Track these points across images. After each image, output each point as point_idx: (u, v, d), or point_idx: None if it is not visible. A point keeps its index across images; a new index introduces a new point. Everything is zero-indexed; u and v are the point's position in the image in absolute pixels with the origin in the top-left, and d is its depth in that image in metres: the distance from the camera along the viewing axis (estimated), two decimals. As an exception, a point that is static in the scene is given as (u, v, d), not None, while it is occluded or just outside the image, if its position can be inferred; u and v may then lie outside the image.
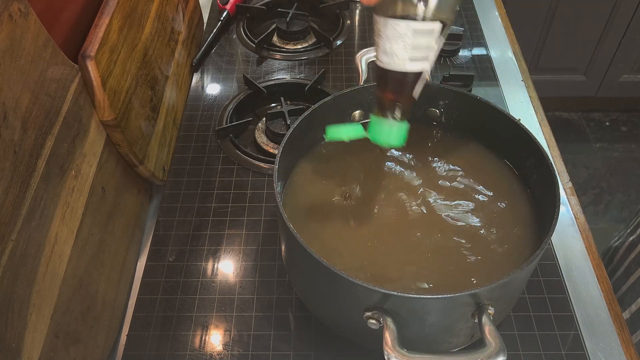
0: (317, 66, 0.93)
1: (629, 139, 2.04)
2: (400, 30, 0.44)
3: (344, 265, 0.54)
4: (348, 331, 0.56)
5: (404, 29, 0.44)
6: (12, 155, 0.45)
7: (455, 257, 0.55)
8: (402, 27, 0.44)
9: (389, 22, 0.45)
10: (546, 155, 0.55)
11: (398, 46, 0.45)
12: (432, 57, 0.47)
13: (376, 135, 0.51)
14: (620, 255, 0.75)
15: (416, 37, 0.44)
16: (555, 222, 0.49)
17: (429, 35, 0.45)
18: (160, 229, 0.70)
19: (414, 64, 0.46)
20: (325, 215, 0.59)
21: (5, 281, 0.42)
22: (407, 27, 0.44)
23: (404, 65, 0.46)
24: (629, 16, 1.75)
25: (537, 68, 1.89)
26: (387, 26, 0.45)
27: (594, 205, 1.84)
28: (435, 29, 0.45)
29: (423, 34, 0.45)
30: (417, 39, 0.45)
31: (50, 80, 0.52)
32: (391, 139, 0.50)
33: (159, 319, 0.61)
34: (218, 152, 0.79)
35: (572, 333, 0.59)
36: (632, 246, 0.73)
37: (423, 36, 0.45)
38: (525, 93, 0.89)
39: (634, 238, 0.73)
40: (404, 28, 0.44)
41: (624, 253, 0.74)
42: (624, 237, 0.77)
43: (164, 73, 0.79)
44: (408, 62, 0.46)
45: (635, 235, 0.73)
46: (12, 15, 0.46)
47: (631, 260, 0.72)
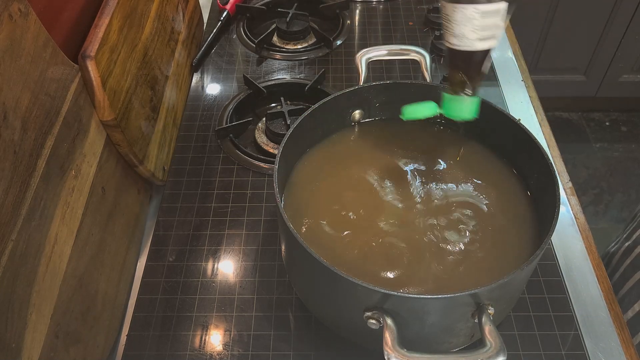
0: (317, 66, 0.93)
1: (629, 139, 2.04)
2: (468, 14, 0.47)
3: (344, 265, 0.54)
4: (348, 331, 0.56)
5: (472, 13, 0.47)
6: (12, 155, 0.45)
7: (455, 257, 0.55)
8: (470, 11, 0.47)
9: (457, 7, 0.47)
10: (546, 155, 0.55)
11: (467, 29, 0.48)
12: (499, 34, 0.49)
13: (451, 110, 0.55)
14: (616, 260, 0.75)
15: (484, 18, 0.47)
16: (555, 222, 0.49)
17: (496, 15, 0.48)
18: (160, 229, 0.70)
19: (482, 43, 0.49)
20: (326, 215, 0.59)
21: (5, 281, 0.42)
22: (475, 11, 0.47)
23: (474, 45, 0.49)
24: (629, 16, 1.75)
25: (537, 68, 1.89)
26: (456, 11, 0.47)
27: (594, 205, 1.84)
28: (501, 9, 0.47)
29: (490, 14, 0.47)
30: (484, 20, 0.47)
31: (50, 80, 0.52)
32: (465, 113, 0.55)
33: (159, 319, 0.61)
34: (218, 152, 0.79)
35: (572, 333, 0.59)
36: (627, 251, 0.73)
37: (490, 17, 0.47)
38: (525, 93, 0.89)
39: (630, 243, 0.73)
40: (472, 12, 0.47)
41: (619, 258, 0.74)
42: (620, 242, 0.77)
43: (164, 73, 0.79)
44: (477, 42, 0.49)
45: (630, 240, 0.74)
46: (12, 15, 0.46)
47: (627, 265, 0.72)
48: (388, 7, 1.06)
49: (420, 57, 0.66)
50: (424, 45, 0.96)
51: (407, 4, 1.06)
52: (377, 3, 1.07)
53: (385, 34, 1.01)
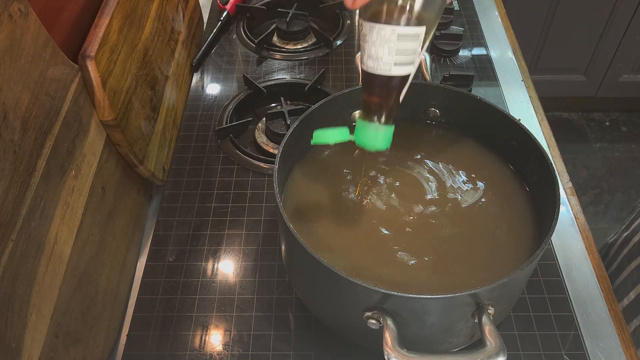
0: (317, 66, 0.93)
1: (629, 139, 2.04)
2: (386, 35, 0.44)
3: (344, 265, 0.54)
4: (348, 331, 0.56)
5: (389, 34, 0.44)
6: (12, 155, 0.45)
7: (455, 257, 0.55)
8: (387, 32, 0.44)
9: (375, 27, 0.44)
10: (546, 155, 0.55)
11: (383, 51, 0.45)
12: (417, 61, 0.47)
13: (362, 139, 0.50)
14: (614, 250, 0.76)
15: (401, 41, 0.45)
16: (555, 222, 0.49)
17: (414, 40, 0.45)
18: (160, 229, 0.70)
19: (399, 68, 0.46)
20: (326, 215, 0.59)
21: (5, 281, 0.42)
22: (392, 32, 0.44)
23: (390, 70, 0.46)
24: (629, 16, 1.75)
25: (537, 68, 1.89)
26: (373, 31, 0.45)
27: (594, 205, 1.84)
28: (420, 34, 0.45)
29: (408, 38, 0.45)
30: (402, 44, 0.45)
31: (50, 80, 0.52)
32: (377, 143, 0.50)
33: (159, 319, 0.61)
34: (218, 152, 0.79)
35: (572, 333, 0.59)
36: (625, 241, 0.73)
37: (408, 41, 0.45)
38: (525, 93, 0.89)
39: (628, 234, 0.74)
40: (389, 33, 0.44)
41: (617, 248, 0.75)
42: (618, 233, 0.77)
43: (164, 73, 0.79)
44: (393, 66, 0.46)
45: (629, 231, 0.74)
46: (12, 15, 0.46)
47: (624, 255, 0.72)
48: (388, 7, 1.06)
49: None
50: (424, 45, 0.96)
51: (407, 4, 1.06)
52: (377, 3, 1.07)
53: (385, 34, 1.01)
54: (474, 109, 0.63)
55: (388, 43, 0.45)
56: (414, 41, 0.45)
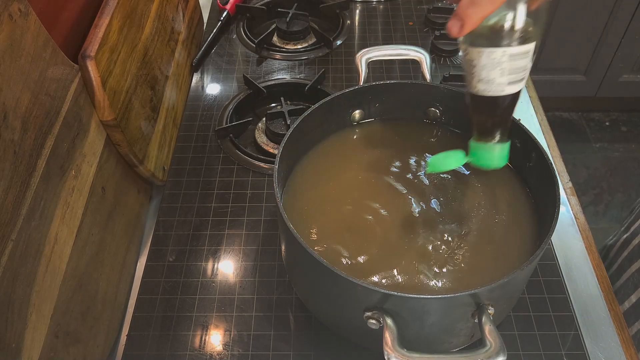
0: (317, 66, 0.93)
1: (629, 139, 2.04)
2: (497, 57, 0.44)
3: (344, 265, 0.54)
4: (348, 331, 0.56)
5: (500, 56, 0.44)
6: (12, 155, 0.45)
7: (455, 256, 0.55)
8: (498, 55, 0.44)
9: (484, 51, 0.44)
10: (546, 156, 0.55)
11: (495, 73, 0.45)
12: (527, 76, 0.47)
13: (480, 160, 0.51)
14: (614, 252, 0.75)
15: (513, 61, 0.44)
16: (555, 222, 0.49)
17: (525, 57, 0.45)
18: (160, 229, 0.70)
19: (512, 87, 0.46)
20: (326, 215, 0.59)
21: (5, 281, 0.42)
22: (503, 54, 0.44)
23: (503, 90, 0.46)
24: (629, 16, 1.75)
25: (537, 68, 1.89)
26: (482, 55, 0.44)
27: (594, 205, 1.84)
28: (530, 50, 0.45)
29: (519, 56, 0.44)
30: (514, 63, 0.44)
31: (50, 80, 0.52)
32: (496, 161, 0.51)
33: (159, 319, 0.61)
34: (218, 152, 0.79)
35: (572, 333, 0.59)
36: (625, 243, 0.73)
37: (519, 59, 0.45)
38: (525, 93, 0.89)
39: (628, 235, 0.73)
40: (500, 55, 0.44)
41: (617, 250, 0.75)
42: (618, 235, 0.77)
43: (164, 73, 0.79)
44: (507, 86, 0.46)
45: (629, 233, 0.74)
46: (12, 15, 0.46)
47: (624, 257, 0.72)
48: (388, 7, 1.06)
49: (420, 57, 0.66)
50: (424, 45, 0.96)
51: (407, 4, 1.06)
52: (377, 3, 1.07)
53: (385, 34, 1.01)
54: (474, 109, 0.63)
55: (500, 65, 0.44)
56: (524, 58, 0.45)
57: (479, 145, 0.51)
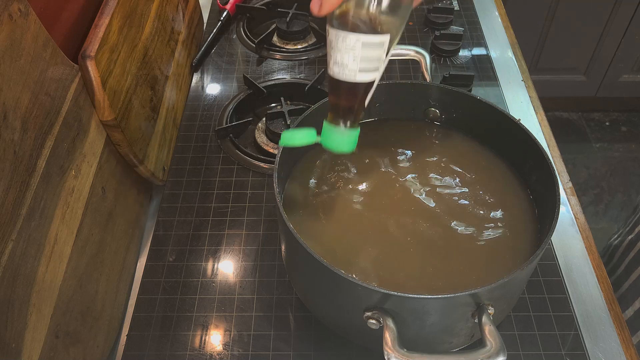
0: (317, 66, 0.93)
1: (629, 139, 2.04)
2: (350, 42, 0.45)
3: (344, 265, 0.54)
4: (348, 331, 0.56)
5: (354, 42, 0.45)
6: (12, 155, 0.45)
7: (455, 257, 0.55)
8: (352, 40, 0.45)
9: (340, 34, 0.45)
10: (546, 155, 0.55)
11: (348, 58, 0.46)
12: (382, 68, 0.48)
13: (328, 141, 0.51)
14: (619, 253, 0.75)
15: (365, 49, 0.45)
16: (555, 222, 0.49)
17: (378, 48, 0.46)
18: (160, 229, 0.70)
19: (363, 75, 0.47)
20: (326, 215, 0.59)
21: (5, 281, 0.42)
22: (356, 40, 0.45)
23: (354, 76, 0.47)
24: (629, 16, 1.75)
25: (537, 68, 1.89)
26: (338, 38, 0.45)
27: (594, 205, 1.84)
28: (384, 42, 0.46)
29: (372, 46, 0.45)
30: (366, 52, 0.45)
31: (50, 80, 0.52)
32: (342, 146, 0.51)
33: (159, 319, 0.61)
34: (218, 152, 0.79)
35: (572, 333, 0.59)
36: (631, 245, 0.73)
37: (372, 49, 0.46)
38: (525, 93, 0.89)
39: (633, 237, 0.73)
40: (354, 41, 0.45)
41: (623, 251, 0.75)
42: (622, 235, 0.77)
43: (164, 73, 0.79)
44: (358, 73, 0.46)
45: (633, 234, 0.74)
46: (12, 15, 0.46)
47: (631, 259, 0.72)
48: (388, 7, 1.06)
49: (420, 57, 0.66)
50: (424, 45, 0.96)
51: (407, 4, 1.06)
52: (377, 3, 1.07)
53: (385, 34, 1.01)
54: (474, 109, 0.63)
55: (353, 51, 0.45)
56: (378, 49, 0.46)
57: (330, 127, 0.51)
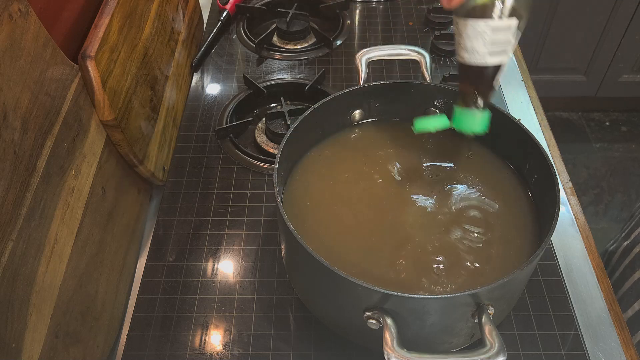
0: (317, 66, 0.93)
1: (629, 139, 2.04)
2: (480, 29, 0.49)
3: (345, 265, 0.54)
4: (348, 331, 0.56)
5: (483, 28, 0.48)
6: (12, 155, 0.45)
7: (455, 256, 0.55)
8: (481, 26, 0.48)
9: (469, 22, 0.49)
10: (546, 155, 0.55)
11: (478, 43, 0.49)
12: (510, 50, 0.51)
13: (462, 124, 0.55)
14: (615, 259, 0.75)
15: (495, 34, 0.49)
16: (555, 222, 0.49)
17: (507, 31, 0.49)
18: (160, 229, 0.70)
19: (493, 58, 0.50)
20: (326, 215, 0.59)
21: (5, 281, 0.42)
22: (486, 26, 0.48)
23: (485, 60, 0.50)
24: (629, 16, 1.75)
25: (537, 68, 1.89)
26: (467, 26, 0.49)
27: (594, 205, 1.84)
28: (512, 25, 0.49)
29: (501, 30, 0.49)
30: (495, 36, 0.49)
31: (50, 80, 0.52)
32: (475, 127, 0.55)
33: (159, 319, 0.61)
34: (218, 152, 0.79)
35: (572, 333, 0.59)
36: (626, 251, 0.73)
37: (501, 33, 0.49)
38: (525, 93, 0.89)
39: (629, 243, 0.73)
40: (483, 27, 0.48)
41: (619, 258, 0.75)
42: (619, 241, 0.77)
43: (164, 73, 0.79)
44: (488, 56, 0.50)
45: (629, 240, 0.74)
46: (12, 15, 0.46)
47: (626, 265, 0.72)
48: (388, 7, 1.06)
49: (420, 57, 0.66)
50: (424, 45, 0.96)
51: (407, 4, 1.06)
52: (377, 3, 1.07)
53: (385, 34, 1.01)
54: (474, 109, 0.63)
55: (483, 36, 0.49)
56: (507, 32, 0.49)
57: (462, 111, 0.55)
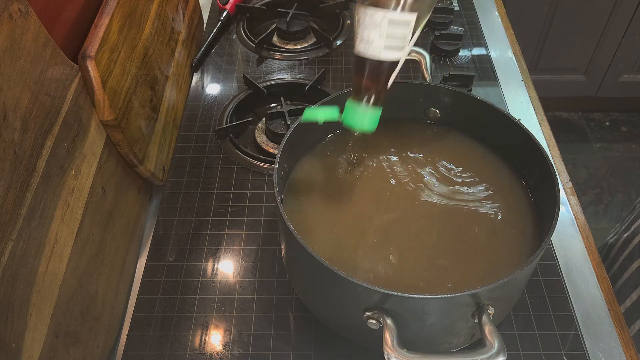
0: (317, 66, 0.93)
1: (629, 139, 2.04)
2: (377, 19, 0.47)
3: (344, 265, 0.54)
4: (348, 331, 0.56)
5: (380, 18, 0.46)
6: (12, 155, 0.45)
7: (456, 257, 0.55)
8: (379, 16, 0.46)
9: (368, 11, 0.47)
10: (546, 155, 0.55)
11: (374, 34, 0.47)
12: (407, 48, 0.49)
13: (350, 119, 0.52)
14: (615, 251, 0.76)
15: (391, 26, 0.47)
16: (555, 222, 0.49)
17: (404, 26, 0.47)
18: (160, 229, 0.70)
19: (388, 53, 0.48)
20: (326, 215, 0.59)
21: (5, 281, 0.42)
22: (383, 17, 0.46)
23: (379, 53, 0.48)
24: (629, 16, 1.75)
25: (537, 68, 1.89)
26: (366, 14, 0.47)
27: (594, 205, 1.84)
28: (410, 21, 0.47)
29: (398, 24, 0.47)
30: (392, 29, 0.47)
31: (50, 80, 0.52)
32: (364, 124, 0.52)
33: (159, 319, 0.61)
34: (218, 152, 0.79)
35: (572, 333, 0.59)
36: (626, 242, 0.73)
37: (398, 26, 0.47)
38: (525, 93, 0.89)
39: (628, 235, 0.73)
40: (381, 17, 0.46)
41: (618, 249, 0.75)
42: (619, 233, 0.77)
43: (164, 73, 0.79)
44: (383, 50, 0.48)
45: (629, 232, 0.74)
46: (12, 15, 0.46)
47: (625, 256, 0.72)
48: (388, 7, 1.06)
49: (420, 57, 0.66)
50: (424, 45, 0.96)
51: (407, 4, 1.06)
52: (377, 3, 1.07)
53: (385, 34, 1.00)
54: (474, 109, 0.63)
55: (379, 27, 0.47)
56: (404, 27, 0.47)
57: (352, 106, 0.52)
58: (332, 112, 0.53)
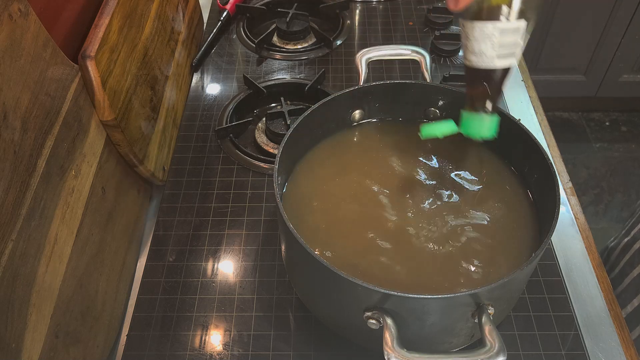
0: (317, 66, 0.93)
1: (629, 139, 2.04)
2: (488, 31, 0.48)
3: (345, 265, 0.54)
4: (348, 331, 0.56)
5: (491, 30, 0.48)
6: (12, 155, 0.45)
7: (456, 257, 0.55)
8: (489, 29, 0.48)
9: (476, 25, 0.48)
10: (546, 155, 0.55)
11: (486, 46, 0.48)
12: (518, 52, 0.50)
13: (469, 129, 0.54)
14: (615, 256, 0.75)
15: (503, 36, 0.48)
16: (555, 222, 0.49)
17: (515, 34, 0.48)
18: (160, 229, 0.70)
19: (501, 61, 0.49)
20: (326, 215, 0.59)
21: (5, 281, 0.42)
22: (494, 29, 0.47)
23: (493, 63, 0.49)
24: (629, 16, 1.75)
25: (537, 68, 1.89)
26: (475, 28, 0.48)
27: (594, 205, 1.84)
28: (520, 27, 0.48)
29: (509, 33, 0.48)
30: (503, 38, 0.48)
31: (50, 80, 0.52)
32: (484, 131, 0.54)
33: (159, 319, 0.61)
34: (218, 152, 0.79)
35: (572, 333, 0.59)
36: (626, 247, 0.73)
37: (509, 35, 0.48)
38: (525, 93, 0.89)
39: (629, 239, 0.73)
40: (491, 29, 0.48)
41: (618, 254, 0.75)
42: (619, 238, 0.77)
43: (164, 73, 0.79)
44: (496, 59, 0.49)
45: (629, 236, 0.74)
46: (12, 15, 0.46)
47: (626, 261, 0.72)
48: (388, 7, 1.06)
49: (420, 57, 0.66)
50: (424, 45, 0.96)
51: (407, 4, 1.06)
52: (377, 3, 1.07)
53: (385, 34, 1.01)
54: (474, 109, 0.63)
55: (490, 38, 0.48)
56: (515, 35, 0.48)
57: (470, 115, 0.54)
58: (450, 126, 0.55)
